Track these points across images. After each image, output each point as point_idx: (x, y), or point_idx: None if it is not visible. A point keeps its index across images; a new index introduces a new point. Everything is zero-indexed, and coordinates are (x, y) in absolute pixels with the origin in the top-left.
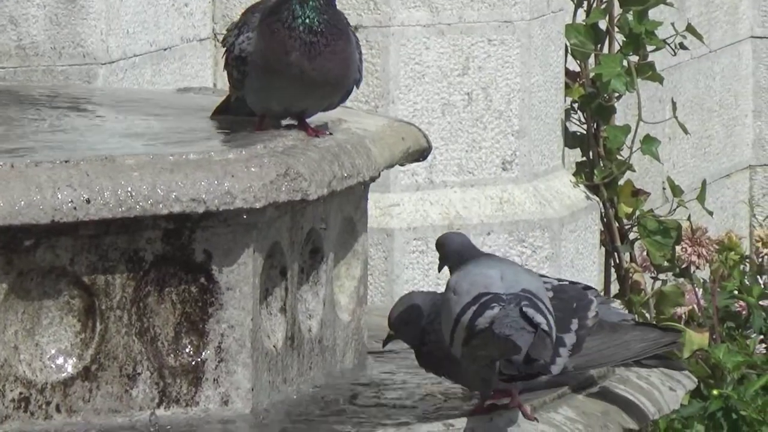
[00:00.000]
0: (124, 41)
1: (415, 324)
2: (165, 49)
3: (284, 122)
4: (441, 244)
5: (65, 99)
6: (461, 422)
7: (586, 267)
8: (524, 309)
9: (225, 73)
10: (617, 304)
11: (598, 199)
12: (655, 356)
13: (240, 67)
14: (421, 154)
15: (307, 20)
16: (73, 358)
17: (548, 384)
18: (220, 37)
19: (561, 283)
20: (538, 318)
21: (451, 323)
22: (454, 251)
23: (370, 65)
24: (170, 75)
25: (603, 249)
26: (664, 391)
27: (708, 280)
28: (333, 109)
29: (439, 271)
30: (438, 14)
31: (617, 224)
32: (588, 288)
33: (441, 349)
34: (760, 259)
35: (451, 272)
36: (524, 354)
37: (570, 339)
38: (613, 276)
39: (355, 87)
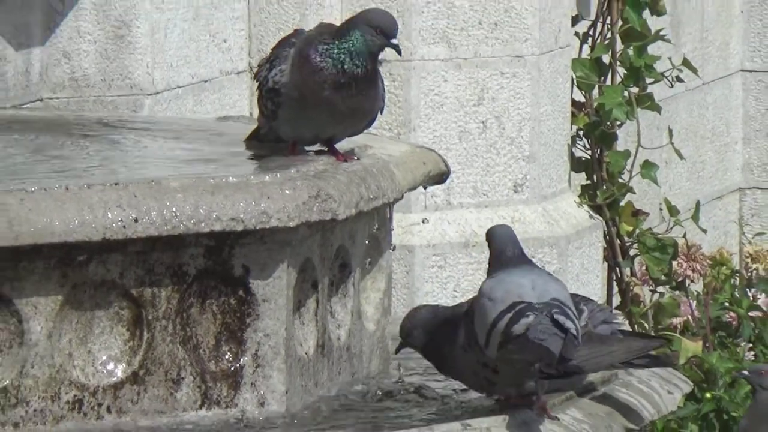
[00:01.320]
0: (168, 74)
1: (423, 330)
2: (205, 81)
3: (314, 148)
4: (489, 236)
5: (114, 126)
6: (478, 422)
7: (591, 281)
8: (555, 316)
9: (257, 105)
10: (619, 317)
11: (601, 218)
12: (646, 355)
13: (274, 98)
14: (441, 177)
15: (341, 57)
16: (123, 364)
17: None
18: (255, 70)
19: None
20: (568, 323)
21: (487, 327)
22: (497, 247)
23: (393, 96)
24: (210, 105)
25: (606, 264)
26: (663, 394)
27: (701, 293)
28: (358, 135)
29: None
30: (455, 50)
31: (619, 241)
32: (588, 300)
33: (442, 351)
34: (749, 274)
35: (489, 273)
36: (558, 356)
37: None
38: (615, 289)
39: (378, 114)
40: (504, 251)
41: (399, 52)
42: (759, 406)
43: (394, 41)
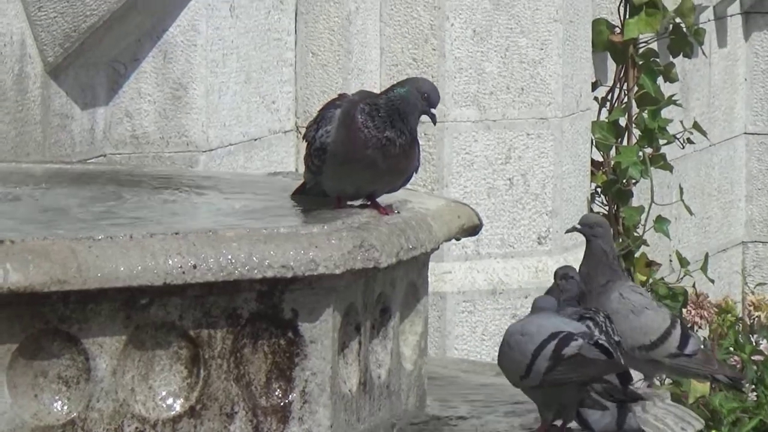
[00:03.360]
0: (221, 132)
1: None
2: (255, 140)
3: (358, 202)
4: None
5: (173, 181)
6: None
7: None
8: (599, 341)
9: (304, 162)
10: None
11: None
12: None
13: (321, 156)
14: (474, 230)
15: (384, 120)
16: (181, 399)
17: None
18: (302, 130)
19: None
20: (607, 346)
21: (527, 358)
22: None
23: (427, 154)
24: (259, 161)
25: None
26: (677, 430)
27: (708, 338)
28: (396, 191)
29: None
30: (485, 112)
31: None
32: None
33: None
34: (751, 321)
35: None
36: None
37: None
38: None
39: (414, 173)
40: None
41: (434, 121)
42: (592, 252)
43: (434, 111)
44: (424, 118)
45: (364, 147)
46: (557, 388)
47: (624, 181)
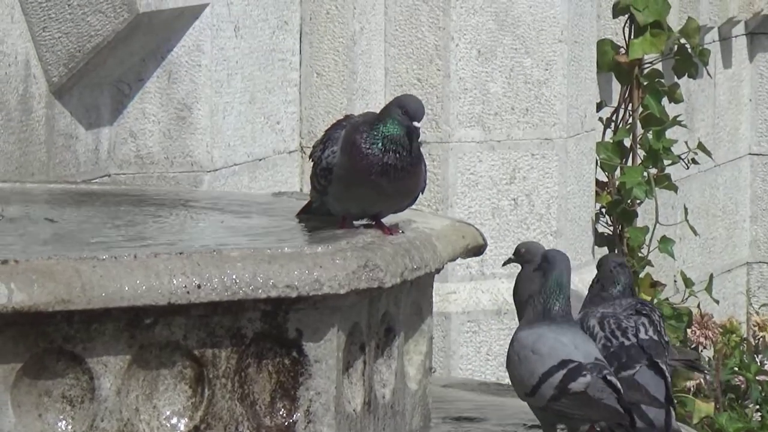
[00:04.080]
0: (225, 152)
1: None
2: (260, 160)
3: (363, 222)
4: (543, 260)
5: (177, 201)
6: None
7: None
8: (608, 377)
9: (310, 181)
10: None
11: None
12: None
13: (326, 176)
14: (478, 250)
15: (384, 143)
16: (185, 419)
17: None
18: (307, 150)
19: None
20: (617, 384)
21: (534, 380)
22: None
23: (432, 174)
24: (264, 181)
25: None
26: None
27: (713, 358)
28: (402, 212)
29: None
30: (490, 132)
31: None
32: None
33: None
34: (756, 341)
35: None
36: (628, 418)
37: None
38: None
39: (421, 193)
40: (551, 305)
41: (416, 135)
42: (523, 277)
43: (416, 124)
44: (431, 137)
45: (368, 171)
46: (560, 416)
47: (629, 201)
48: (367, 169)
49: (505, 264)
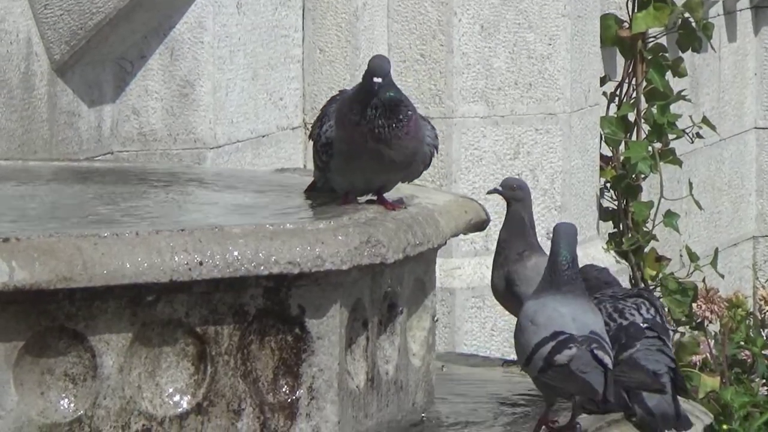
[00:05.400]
0: (228, 129)
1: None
2: (263, 136)
3: (365, 198)
4: (553, 233)
5: (180, 177)
6: None
7: None
8: (594, 351)
9: (313, 161)
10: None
11: (627, 263)
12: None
13: (327, 151)
14: (481, 225)
15: (371, 112)
16: (188, 396)
17: None
18: (310, 127)
19: None
20: (606, 359)
21: (528, 350)
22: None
23: None
24: (267, 158)
25: None
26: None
27: (719, 333)
28: (406, 184)
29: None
30: (493, 108)
31: (643, 285)
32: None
33: None
34: (762, 315)
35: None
36: (601, 394)
37: None
38: None
39: (424, 166)
40: (558, 268)
41: (374, 91)
42: (512, 217)
43: (377, 79)
44: (434, 113)
45: (363, 139)
46: (552, 387)
47: (633, 176)
48: (362, 137)
49: (489, 193)
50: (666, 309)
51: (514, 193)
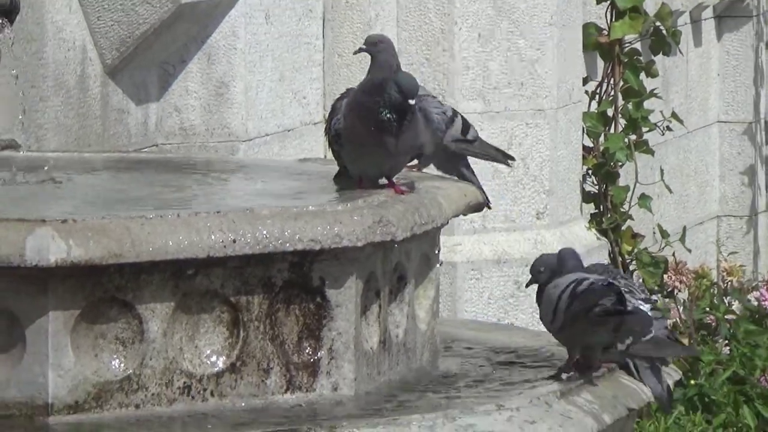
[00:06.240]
0: (258, 124)
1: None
2: (288, 130)
3: (379, 182)
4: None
5: (216, 167)
6: (510, 403)
7: None
8: (610, 280)
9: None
10: None
11: (606, 240)
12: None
13: (338, 141)
14: (479, 207)
15: (380, 110)
16: (223, 357)
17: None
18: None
19: None
20: (622, 289)
21: (553, 303)
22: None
23: None
24: (292, 150)
25: None
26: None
27: (687, 300)
28: (413, 172)
29: (527, 285)
30: (489, 104)
31: (621, 259)
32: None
33: None
34: (725, 285)
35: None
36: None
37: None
38: None
39: (424, 155)
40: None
41: (411, 112)
42: (379, 66)
43: (411, 102)
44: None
45: (368, 133)
46: (579, 329)
47: (612, 164)
48: (365, 130)
49: (356, 53)
50: (641, 279)
51: (378, 47)
